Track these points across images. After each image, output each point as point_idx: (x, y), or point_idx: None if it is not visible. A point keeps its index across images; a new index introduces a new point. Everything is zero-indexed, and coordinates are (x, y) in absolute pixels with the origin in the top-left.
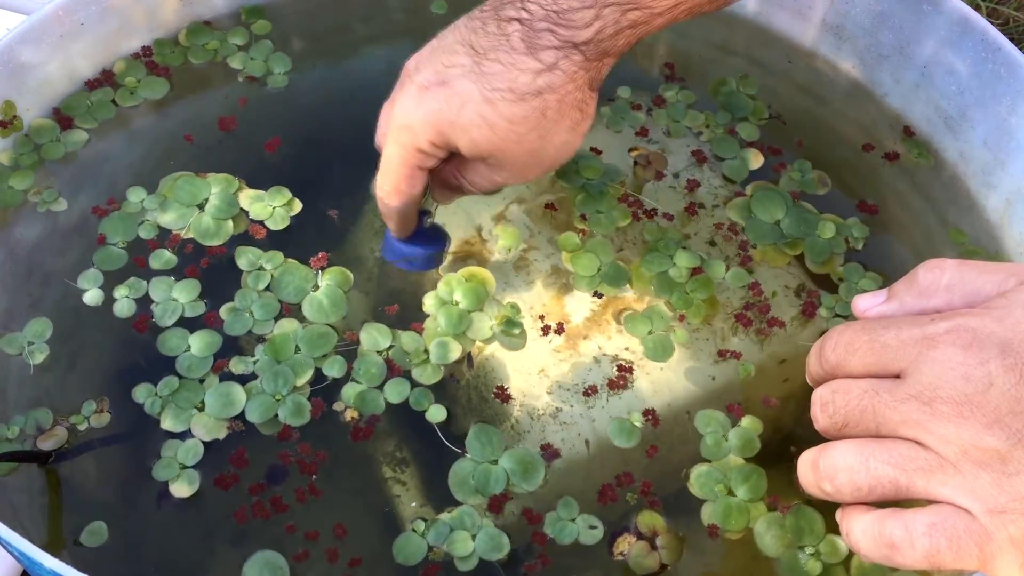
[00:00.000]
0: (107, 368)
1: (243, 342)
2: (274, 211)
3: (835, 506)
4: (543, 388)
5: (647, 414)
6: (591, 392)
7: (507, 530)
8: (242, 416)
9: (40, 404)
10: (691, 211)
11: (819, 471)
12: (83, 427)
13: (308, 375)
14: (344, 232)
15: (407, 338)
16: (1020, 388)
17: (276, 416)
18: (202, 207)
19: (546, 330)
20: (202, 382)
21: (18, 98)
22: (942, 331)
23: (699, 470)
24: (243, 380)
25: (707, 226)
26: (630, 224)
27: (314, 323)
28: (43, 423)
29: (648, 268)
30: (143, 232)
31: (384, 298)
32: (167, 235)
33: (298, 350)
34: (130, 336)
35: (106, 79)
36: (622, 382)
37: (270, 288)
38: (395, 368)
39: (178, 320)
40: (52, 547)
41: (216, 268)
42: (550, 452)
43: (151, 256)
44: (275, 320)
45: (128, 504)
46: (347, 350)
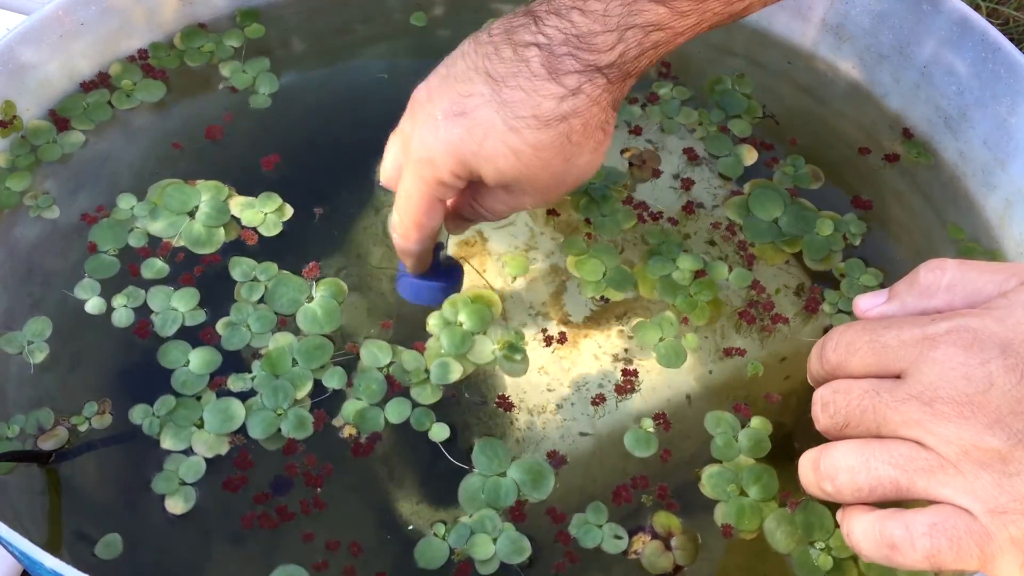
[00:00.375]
0: (109, 369)
1: (240, 358)
2: (266, 217)
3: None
4: (543, 388)
5: (658, 418)
6: (599, 401)
7: (527, 529)
8: (243, 431)
9: (41, 404)
10: (688, 210)
11: (820, 471)
12: (84, 428)
13: (307, 387)
14: (338, 236)
15: (408, 356)
16: (1021, 388)
17: (279, 431)
18: (192, 214)
19: (548, 340)
20: (199, 399)
21: (18, 98)
22: (943, 331)
23: (711, 471)
24: (242, 397)
25: (705, 225)
26: (633, 226)
27: (309, 335)
28: (44, 423)
29: (651, 272)
30: (133, 240)
31: (382, 302)
32: (158, 243)
33: (295, 363)
34: (132, 338)
35: (102, 81)
36: (628, 386)
37: (264, 299)
38: (395, 384)
39: (179, 329)
40: (52, 547)
41: (211, 277)
42: (557, 459)
43: (143, 265)
44: (272, 333)
45: (129, 505)
46: (346, 360)
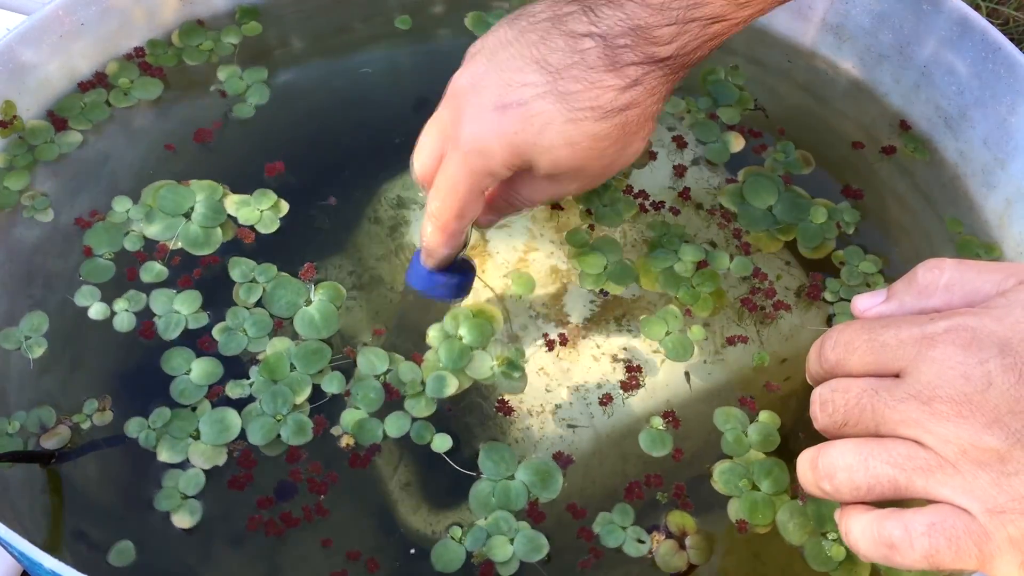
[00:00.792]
0: (109, 368)
1: (237, 363)
2: (262, 214)
3: None
4: (543, 389)
5: (667, 416)
6: (607, 401)
7: (541, 529)
8: (243, 439)
9: (42, 402)
10: (684, 196)
11: (818, 470)
12: (86, 426)
13: (306, 392)
14: (336, 234)
15: (405, 367)
16: (1019, 388)
17: (279, 437)
18: (188, 215)
19: (551, 345)
20: (194, 410)
21: (18, 98)
22: (941, 330)
23: (722, 467)
24: (241, 403)
25: (700, 214)
26: (635, 215)
27: (306, 339)
28: (46, 421)
29: (654, 264)
30: (129, 244)
31: (381, 304)
32: (154, 246)
33: (293, 368)
34: (132, 337)
35: (99, 80)
36: (634, 382)
37: (262, 301)
38: (394, 392)
39: (182, 332)
40: (52, 547)
41: (209, 279)
42: (563, 459)
43: (142, 268)
44: (268, 337)
45: (129, 505)
46: (344, 365)
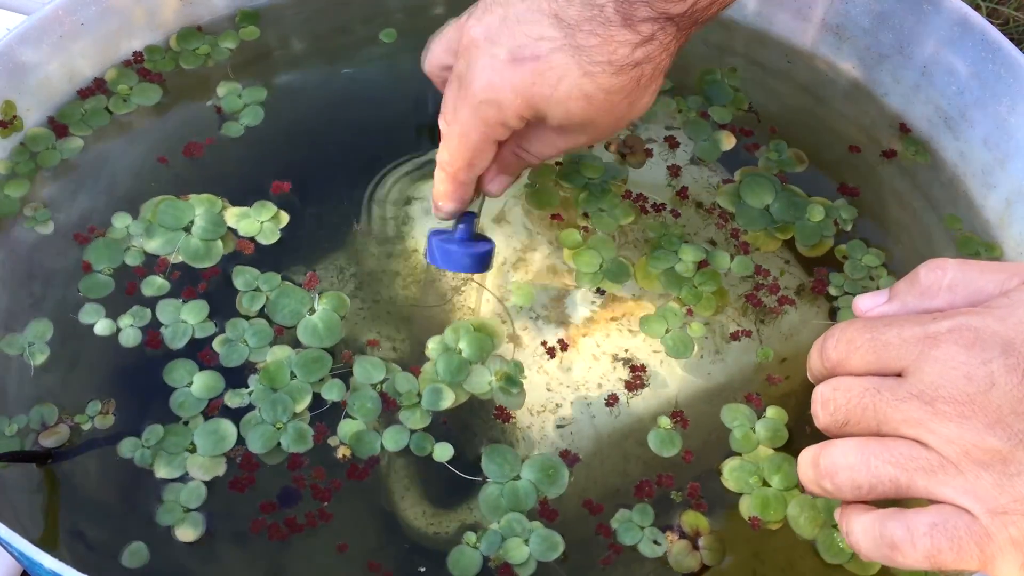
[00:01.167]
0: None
1: (236, 373)
2: (262, 226)
3: None
4: (543, 388)
5: (675, 416)
6: (612, 402)
7: (558, 528)
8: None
9: (46, 401)
10: (683, 195)
11: (819, 469)
12: (87, 427)
13: (306, 401)
14: (337, 241)
15: (401, 378)
16: (1022, 388)
17: (279, 445)
18: (188, 229)
19: (552, 352)
20: (187, 424)
21: (18, 98)
22: (944, 330)
23: (731, 464)
24: (240, 413)
25: (699, 214)
26: (634, 220)
27: (308, 347)
28: (48, 419)
29: (655, 265)
30: (129, 259)
31: (381, 309)
32: (154, 260)
33: (293, 376)
34: (127, 302)
35: (98, 87)
36: (638, 382)
37: (265, 310)
38: (391, 402)
39: (188, 342)
40: (51, 546)
41: (211, 290)
42: (571, 458)
43: (143, 283)
44: (269, 346)
45: (129, 505)
46: (344, 372)
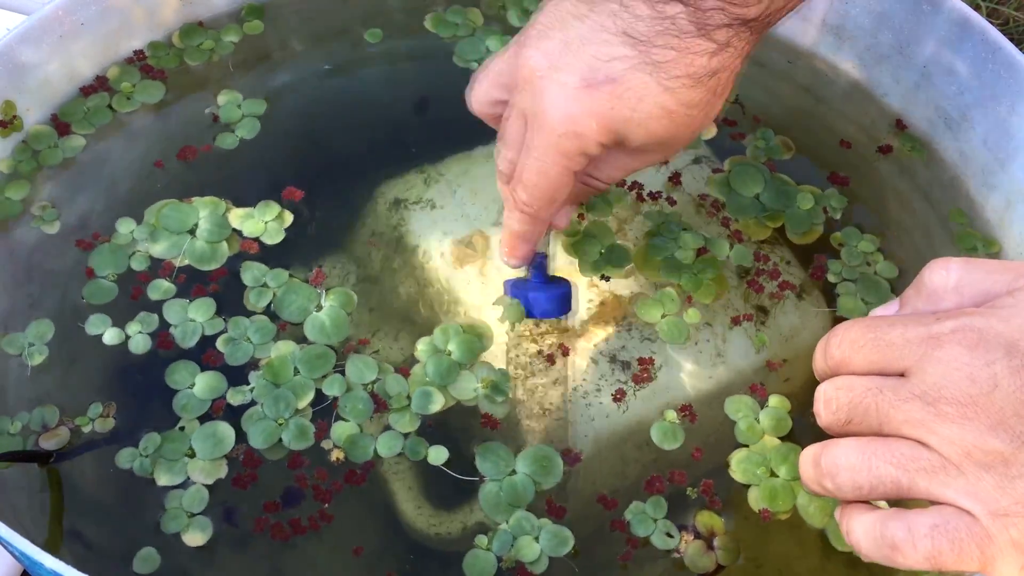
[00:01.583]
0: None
1: (238, 371)
2: (267, 226)
3: None
4: (542, 388)
5: (684, 410)
6: (620, 397)
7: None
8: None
9: (47, 402)
10: (676, 181)
11: (820, 468)
12: (87, 429)
13: (309, 397)
14: (341, 239)
15: (392, 379)
16: None
17: (280, 441)
18: (193, 232)
19: (551, 359)
20: (183, 430)
21: (18, 98)
22: (948, 331)
23: (739, 456)
24: (241, 411)
25: (691, 203)
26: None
27: (313, 343)
28: (49, 421)
29: (655, 253)
30: (135, 264)
31: (384, 305)
32: (159, 265)
33: (297, 372)
34: (131, 307)
35: (100, 85)
36: (645, 375)
37: (272, 306)
38: (382, 403)
39: (200, 340)
40: (52, 547)
41: (220, 290)
42: (571, 457)
43: (149, 286)
44: (273, 342)
45: (128, 504)
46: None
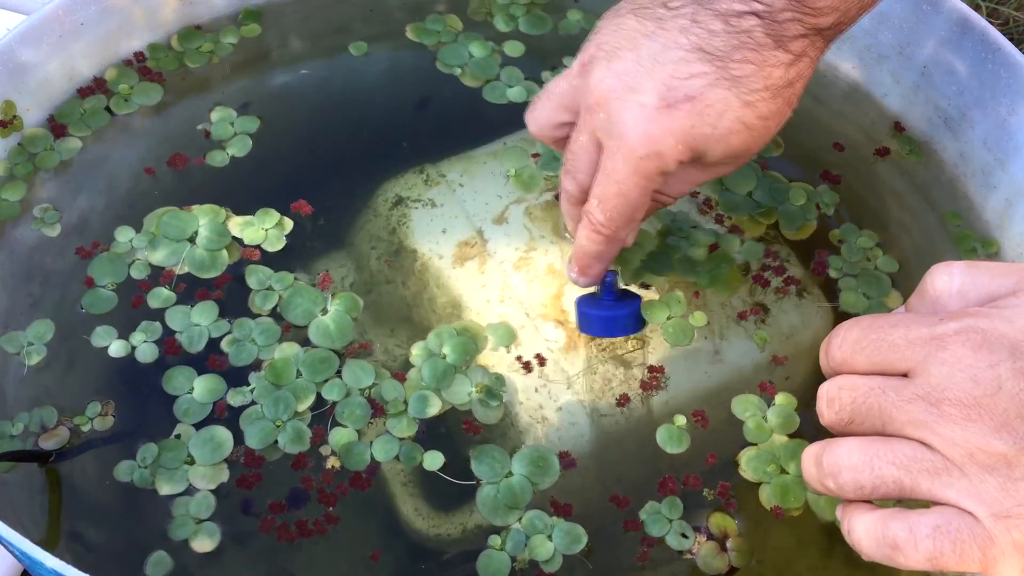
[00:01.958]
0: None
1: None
2: (267, 233)
3: None
4: (541, 389)
5: (696, 415)
6: (624, 402)
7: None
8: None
9: (43, 403)
10: None
11: (823, 467)
12: (86, 428)
13: (309, 400)
14: (342, 244)
15: (388, 385)
16: None
17: (276, 443)
18: (192, 240)
19: (527, 367)
20: (179, 438)
21: (18, 98)
22: (951, 332)
23: (748, 454)
24: (242, 412)
25: (684, 200)
26: None
27: (318, 347)
28: (47, 421)
29: (669, 252)
30: (135, 272)
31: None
32: (159, 273)
33: (299, 375)
34: (131, 315)
35: (98, 86)
36: (654, 383)
37: (277, 309)
38: (379, 408)
39: (207, 343)
40: (52, 546)
41: (224, 297)
42: (567, 461)
43: (149, 295)
44: (278, 343)
45: (128, 504)
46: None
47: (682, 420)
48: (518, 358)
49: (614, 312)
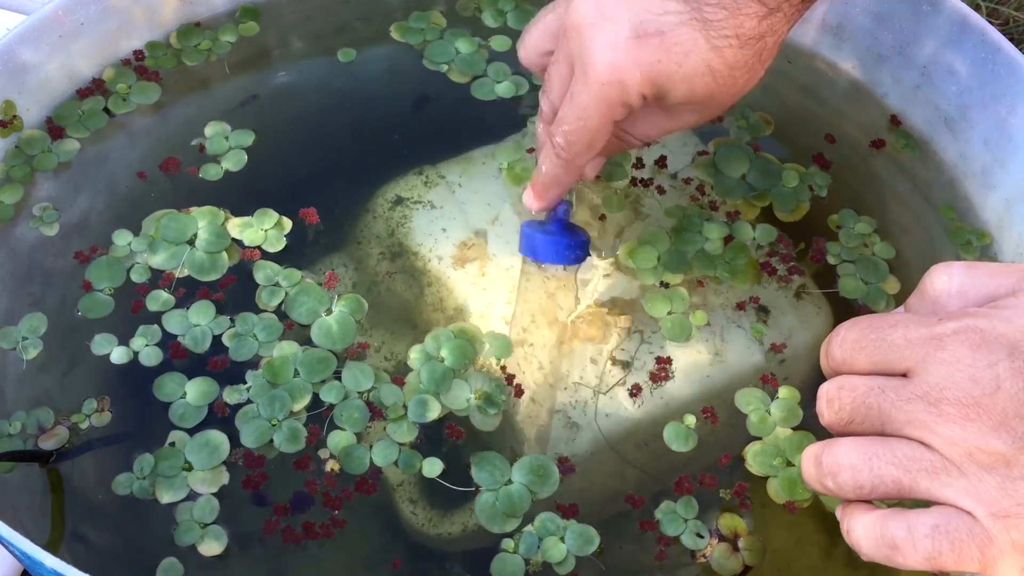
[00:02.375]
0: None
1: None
2: (267, 234)
3: None
4: (540, 389)
5: (705, 412)
6: (636, 392)
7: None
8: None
9: (41, 403)
10: (661, 164)
11: (822, 467)
12: (84, 426)
13: (306, 400)
14: (341, 243)
15: (387, 389)
16: None
17: (271, 442)
18: (192, 242)
19: (519, 391)
20: (173, 445)
21: (18, 98)
22: (950, 331)
23: (754, 449)
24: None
25: (677, 186)
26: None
27: (318, 347)
28: (44, 422)
29: (685, 249)
30: (135, 276)
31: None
32: (159, 276)
33: (297, 374)
34: (129, 320)
35: (96, 87)
36: (663, 374)
37: (283, 306)
38: (377, 412)
39: (212, 342)
40: (53, 546)
41: (226, 297)
42: (566, 466)
43: (148, 298)
44: (279, 341)
45: (129, 504)
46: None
47: (691, 419)
48: (509, 377)
49: (558, 238)
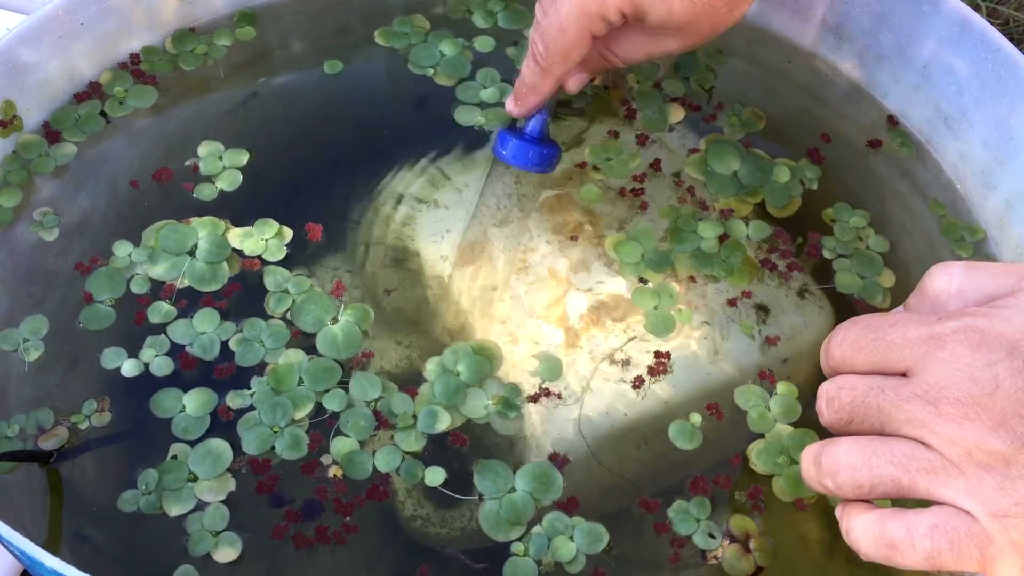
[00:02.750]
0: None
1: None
2: (267, 244)
3: None
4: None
5: (710, 408)
6: (639, 384)
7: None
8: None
9: (40, 404)
10: (656, 167)
11: (821, 467)
12: (84, 426)
13: (308, 408)
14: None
15: (397, 399)
16: None
17: (273, 448)
18: (192, 253)
19: (535, 398)
20: (175, 459)
21: (18, 98)
22: (949, 331)
23: (757, 447)
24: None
25: (667, 184)
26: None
27: (323, 356)
28: (44, 423)
29: (681, 249)
30: (135, 287)
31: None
32: (159, 288)
33: (301, 382)
34: (131, 331)
35: (93, 91)
36: (661, 368)
37: (289, 314)
38: (384, 421)
39: (221, 348)
40: (53, 546)
41: (230, 306)
42: (559, 460)
43: (149, 309)
44: (285, 348)
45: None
46: (347, 384)
47: (697, 418)
48: (532, 396)
49: (532, 146)
